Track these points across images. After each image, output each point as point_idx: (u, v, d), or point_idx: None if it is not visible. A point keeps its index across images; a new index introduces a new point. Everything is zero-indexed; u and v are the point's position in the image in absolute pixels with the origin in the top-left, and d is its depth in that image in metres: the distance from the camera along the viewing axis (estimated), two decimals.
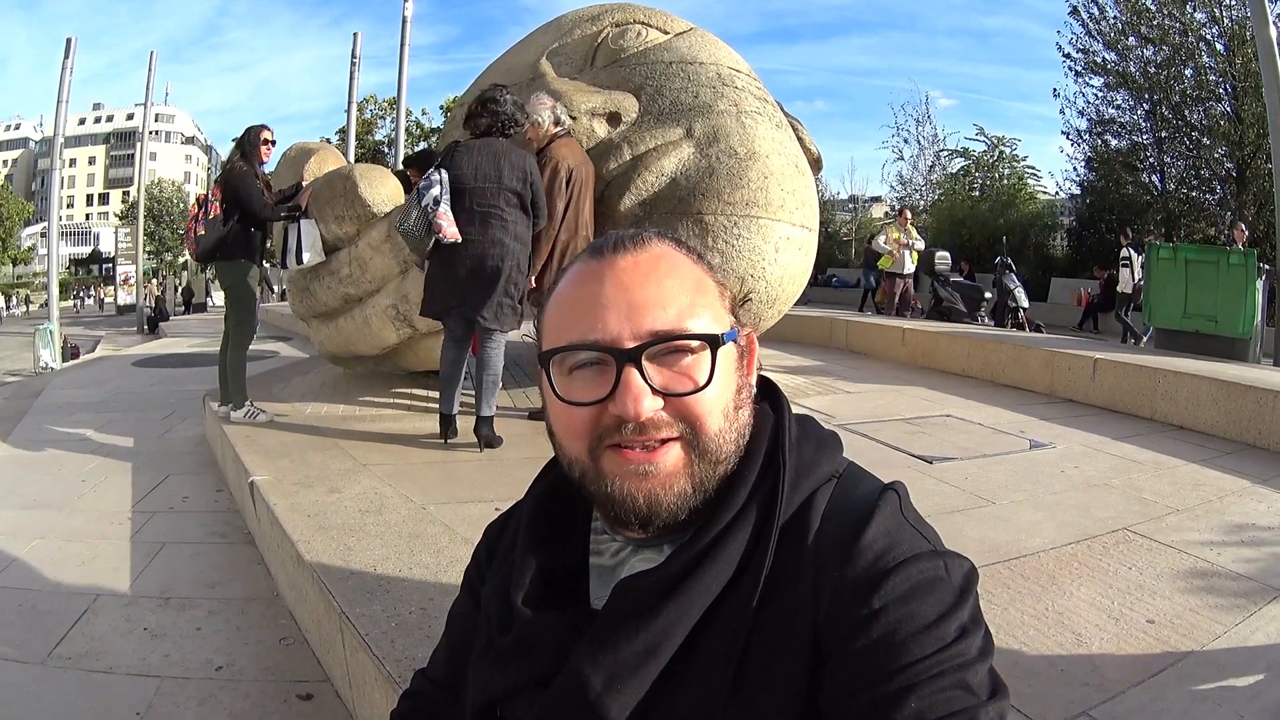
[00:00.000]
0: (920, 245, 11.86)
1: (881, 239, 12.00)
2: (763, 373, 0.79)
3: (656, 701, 0.65)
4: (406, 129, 15.20)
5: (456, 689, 0.84)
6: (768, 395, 0.79)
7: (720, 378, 0.68)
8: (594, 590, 0.76)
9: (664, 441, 0.67)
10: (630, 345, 0.66)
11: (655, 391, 0.66)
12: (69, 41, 13.27)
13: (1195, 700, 1.75)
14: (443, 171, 3.77)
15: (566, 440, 0.71)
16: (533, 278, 4.05)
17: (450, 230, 3.72)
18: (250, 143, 4.60)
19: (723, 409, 0.69)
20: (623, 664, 0.64)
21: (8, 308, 39.84)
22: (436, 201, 3.70)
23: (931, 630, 0.60)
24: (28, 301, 42.60)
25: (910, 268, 11.70)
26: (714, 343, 0.68)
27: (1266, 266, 7.53)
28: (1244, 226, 10.42)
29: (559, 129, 4.15)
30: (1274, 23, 7.50)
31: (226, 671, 2.31)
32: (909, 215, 12.57)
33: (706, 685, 0.64)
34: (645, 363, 0.66)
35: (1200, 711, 1.71)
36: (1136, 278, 11.56)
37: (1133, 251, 12.16)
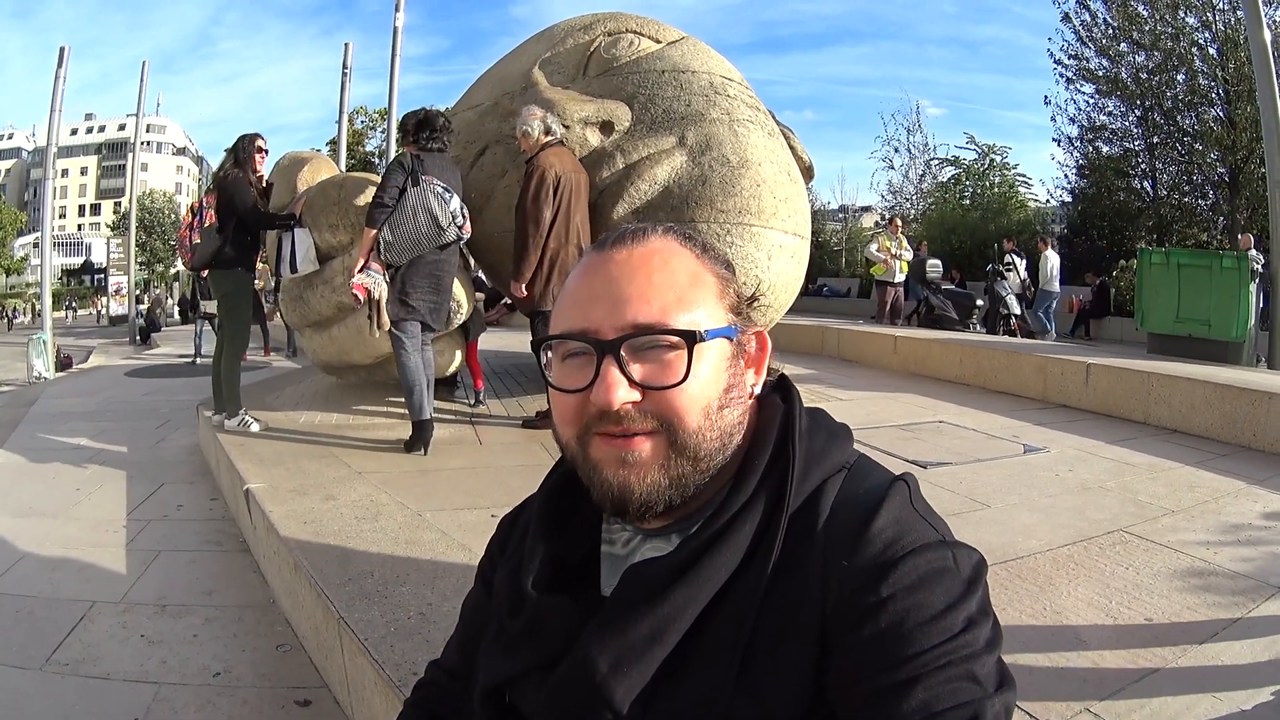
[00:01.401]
0: (908, 256, 11.94)
1: (874, 247, 12.09)
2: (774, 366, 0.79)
3: (662, 686, 0.65)
4: (397, 140, 15.14)
5: (469, 678, 0.84)
6: (779, 387, 0.79)
7: (702, 375, 0.68)
8: (605, 578, 0.76)
9: (640, 434, 0.67)
10: (611, 337, 0.67)
11: (633, 384, 0.67)
12: (62, 50, 13.22)
13: (1195, 694, 1.75)
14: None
15: (561, 425, 0.72)
16: (523, 286, 4.06)
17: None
18: (244, 150, 4.61)
19: (703, 407, 0.68)
20: (629, 648, 0.65)
21: (14, 316, 39.74)
22: (463, 208, 4.00)
23: (938, 621, 0.61)
24: (33, 310, 42.44)
25: (901, 276, 11.84)
26: (691, 339, 0.67)
27: (1260, 270, 7.59)
28: (1251, 237, 10.20)
29: (549, 138, 4.17)
30: (1268, 26, 7.57)
31: (224, 678, 2.30)
32: (899, 223, 12.66)
33: (712, 671, 0.64)
34: (625, 355, 0.67)
35: (1200, 706, 1.71)
36: (1022, 278, 12.59)
37: (1015, 257, 12.81)
